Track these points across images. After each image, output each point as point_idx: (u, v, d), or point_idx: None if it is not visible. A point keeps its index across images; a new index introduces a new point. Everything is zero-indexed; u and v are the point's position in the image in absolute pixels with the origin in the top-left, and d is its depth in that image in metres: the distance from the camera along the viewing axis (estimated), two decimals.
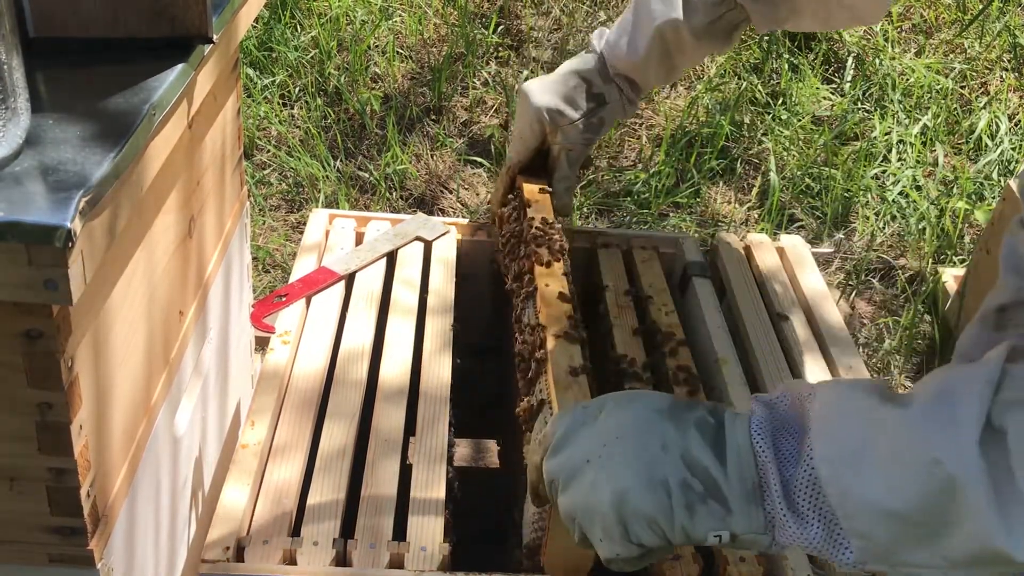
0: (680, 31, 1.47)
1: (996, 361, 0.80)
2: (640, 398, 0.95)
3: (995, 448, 0.76)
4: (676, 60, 1.52)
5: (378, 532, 1.09)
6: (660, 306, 1.49)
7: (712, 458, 0.88)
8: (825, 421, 0.85)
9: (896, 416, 0.81)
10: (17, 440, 0.89)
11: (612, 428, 0.92)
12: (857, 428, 0.84)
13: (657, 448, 0.89)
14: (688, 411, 0.92)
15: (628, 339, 1.42)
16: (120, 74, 0.98)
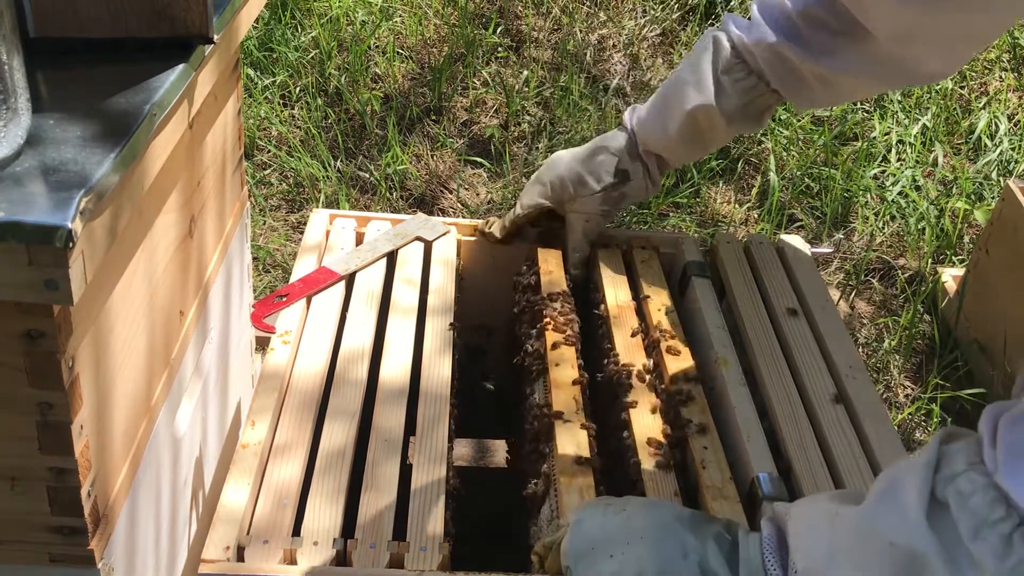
0: (712, 115, 1.48)
1: (933, 446, 0.88)
2: (663, 505, 1.04)
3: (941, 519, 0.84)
4: (708, 141, 1.54)
5: (378, 532, 1.09)
6: (659, 306, 1.49)
7: (726, 570, 0.96)
8: (799, 537, 0.94)
9: (852, 514, 0.90)
10: (18, 440, 0.89)
11: (636, 528, 0.99)
12: (823, 535, 0.92)
13: (678, 554, 0.97)
14: (707, 524, 1.00)
15: (627, 341, 1.42)
16: (121, 74, 0.98)
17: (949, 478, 0.85)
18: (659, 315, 1.47)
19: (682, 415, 1.30)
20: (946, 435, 0.90)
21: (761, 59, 1.44)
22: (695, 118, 1.49)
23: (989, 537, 0.81)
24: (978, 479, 0.84)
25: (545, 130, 3.09)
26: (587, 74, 3.30)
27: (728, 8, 3.52)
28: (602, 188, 1.56)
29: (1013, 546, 0.81)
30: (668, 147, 1.54)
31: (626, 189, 1.57)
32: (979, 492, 0.83)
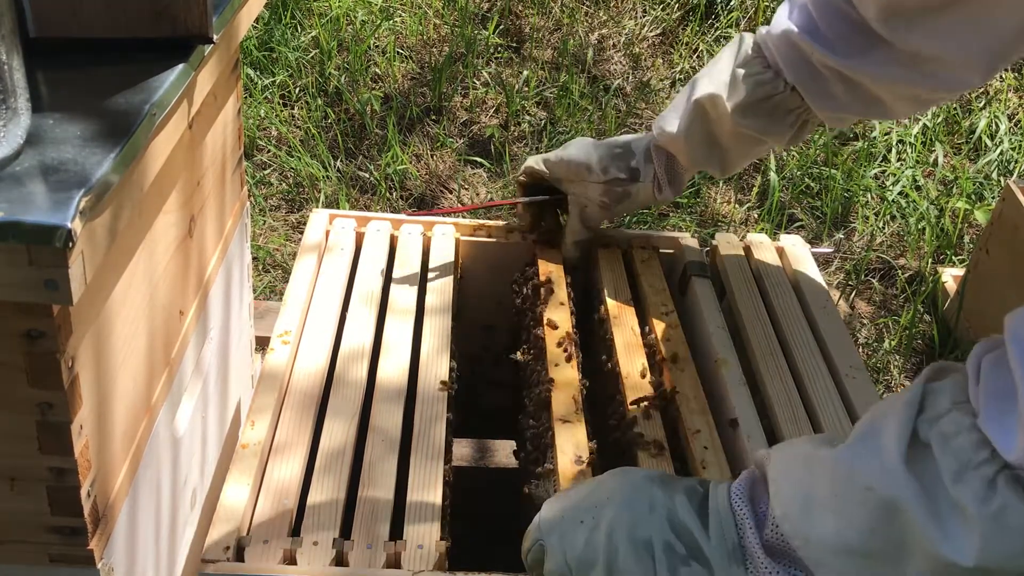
0: (719, 106, 1.40)
1: (917, 383, 0.84)
2: (634, 469, 1.01)
3: (922, 462, 0.80)
4: (721, 140, 1.45)
5: (375, 532, 1.09)
6: (659, 306, 1.49)
7: (696, 521, 0.93)
8: (777, 483, 0.91)
9: (830, 456, 0.86)
10: (18, 440, 0.89)
11: (605, 492, 0.97)
12: (801, 478, 0.88)
13: (645, 509, 0.94)
14: (678, 480, 0.98)
15: (627, 344, 1.42)
16: (120, 74, 0.98)
17: (933, 419, 0.82)
18: (659, 315, 1.47)
19: (681, 415, 1.30)
20: (933, 372, 0.86)
21: (777, 51, 1.36)
22: (702, 108, 1.42)
23: (972, 480, 0.77)
24: (963, 420, 0.80)
25: (545, 130, 3.09)
26: (587, 74, 3.30)
27: (728, 8, 3.52)
28: (606, 179, 1.51)
29: (996, 490, 0.77)
30: (676, 142, 1.47)
31: (632, 188, 1.51)
32: (963, 433, 0.79)
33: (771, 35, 1.36)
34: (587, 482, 1.02)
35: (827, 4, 1.30)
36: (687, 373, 1.37)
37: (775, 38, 1.35)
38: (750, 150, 1.47)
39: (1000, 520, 0.76)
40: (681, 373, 1.37)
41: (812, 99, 1.36)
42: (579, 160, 1.52)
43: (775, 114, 1.39)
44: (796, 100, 1.38)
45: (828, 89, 1.34)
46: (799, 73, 1.34)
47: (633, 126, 3.17)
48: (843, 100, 1.35)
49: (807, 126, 1.43)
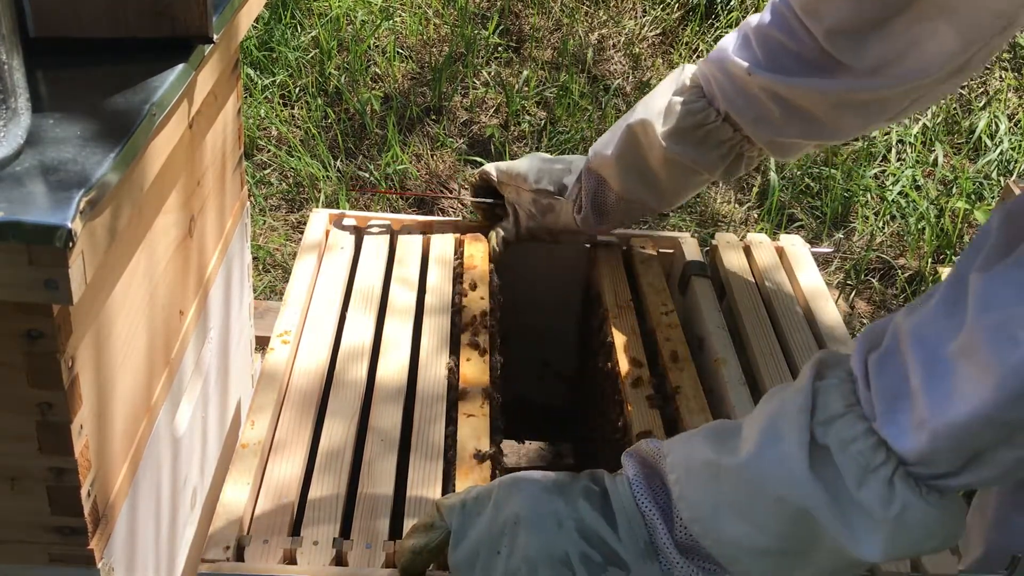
0: (650, 132, 1.40)
1: (806, 385, 0.88)
2: (528, 479, 0.99)
3: (824, 466, 0.84)
4: (652, 167, 1.43)
5: (374, 532, 1.09)
6: (659, 306, 1.49)
7: (604, 524, 0.94)
8: (682, 486, 0.93)
9: (734, 467, 0.89)
10: (17, 440, 0.89)
11: (510, 514, 0.96)
12: (708, 488, 0.91)
13: (553, 527, 0.94)
14: (572, 483, 0.98)
15: (627, 345, 1.42)
16: (120, 74, 0.98)
17: (827, 422, 0.85)
18: (659, 315, 1.47)
19: (681, 415, 1.30)
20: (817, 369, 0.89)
21: (713, 79, 1.36)
22: (634, 134, 1.42)
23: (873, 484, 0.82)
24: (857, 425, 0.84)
25: (545, 130, 3.09)
26: (587, 74, 3.30)
27: (728, 8, 3.52)
28: (535, 188, 1.53)
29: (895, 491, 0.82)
30: (606, 165, 1.47)
31: (556, 203, 1.52)
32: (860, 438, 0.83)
33: (708, 63, 1.38)
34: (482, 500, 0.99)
35: (767, 34, 1.32)
36: (687, 373, 1.37)
37: (711, 65, 1.37)
38: (685, 181, 1.46)
39: (901, 519, 0.82)
40: (681, 373, 1.37)
41: (748, 124, 1.36)
42: (521, 168, 1.55)
43: (706, 143, 1.40)
44: (728, 131, 1.38)
45: (764, 113, 1.34)
46: (734, 100, 1.35)
47: None
48: (780, 122, 1.34)
49: (742, 159, 1.43)
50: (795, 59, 1.30)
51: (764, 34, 1.32)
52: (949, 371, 0.79)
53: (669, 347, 1.41)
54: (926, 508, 0.82)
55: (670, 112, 1.39)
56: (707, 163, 1.41)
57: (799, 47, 1.29)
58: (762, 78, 1.31)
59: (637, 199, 1.49)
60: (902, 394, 0.82)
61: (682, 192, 1.50)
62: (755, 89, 1.33)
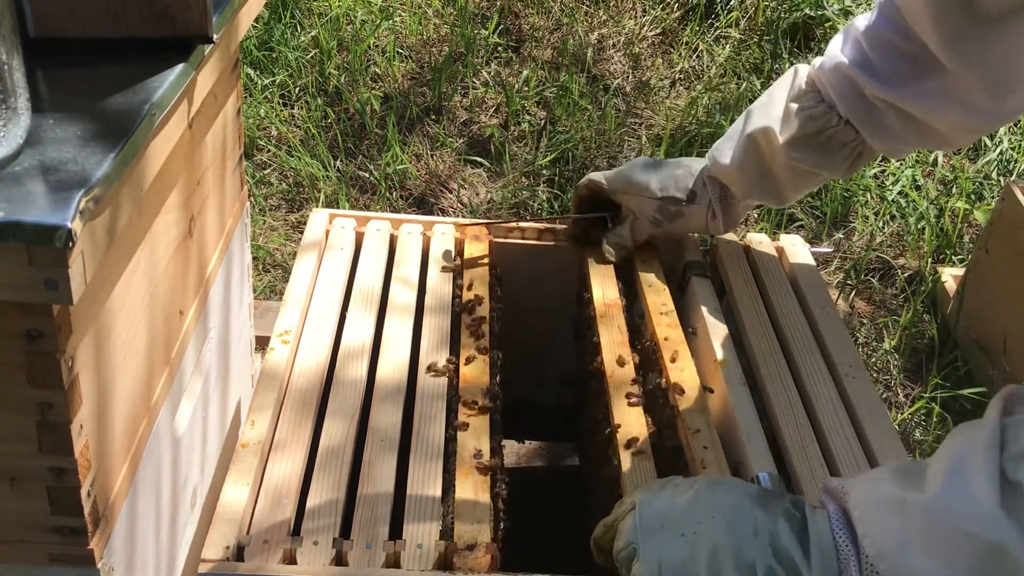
0: (771, 139, 1.40)
1: (994, 421, 0.87)
2: (732, 483, 1.02)
3: (1016, 502, 0.83)
4: (774, 173, 1.44)
5: (374, 531, 1.09)
6: (659, 306, 1.49)
7: (798, 549, 0.95)
8: (866, 523, 0.94)
9: (921, 503, 0.89)
10: (17, 440, 0.89)
11: (706, 507, 0.98)
12: (893, 524, 0.91)
13: (749, 532, 0.96)
14: (776, 501, 0.99)
15: (612, 343, 1.42)
16: (120, 74, 0.98)
17: (1018, 458, 0.84)
18: (659, 315, 1.47)
19: (681, 415, 1.30)
20: (1005, 404, 0.88)
21: (830, 85, 1.36)
22: (755, 142, 1.42)
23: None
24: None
25: (545, 130, 3.09)
26: (587, 74, 3.30)
27: (728, 8, 3.52)
28: (662, 196, 1.52)
29: None
30: (728, 173, 1.48)
31: (686, 209, 1.52)
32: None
33: (824, 69, 1.37)
34: (682, 488, 1.02)
35: (878, 37, 1.31)
36: (687, 373, 1.37)
37: (828, 72, 1.36)
38: (805, 182, 1.48)
39: None
40: (681, 373, 1.37)
41: (867, 132, 1.36)
42: (639, 177, 1.54)
43: (828, 147, 1.40)
44: (850, 134, 1.38)
45: (883, 122, 1.34)
46: (853, 107, 1.35)
47: (633, 126, 3.17)
48: (898, 132, 1.35)
49: (863, 158, 1.42)
50: (907, 61, 1.29)
51: (875, 37, 1.31)
52: None
53: (669, 347, 1.41)
54: None
55: (789, 119, 1.39)
56: (829, 166, 1.42)
57: (911, 47, 1.28)
58: (877, 90, 1.31)
59: (758, 201, 1.53)
60: None
61: (802, 191, 1.52)
62: (871, 99, 1.33)
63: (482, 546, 1.08)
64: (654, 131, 3.14)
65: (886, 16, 1.30)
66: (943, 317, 2.56)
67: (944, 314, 2.56)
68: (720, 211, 1.52)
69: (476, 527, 1.11)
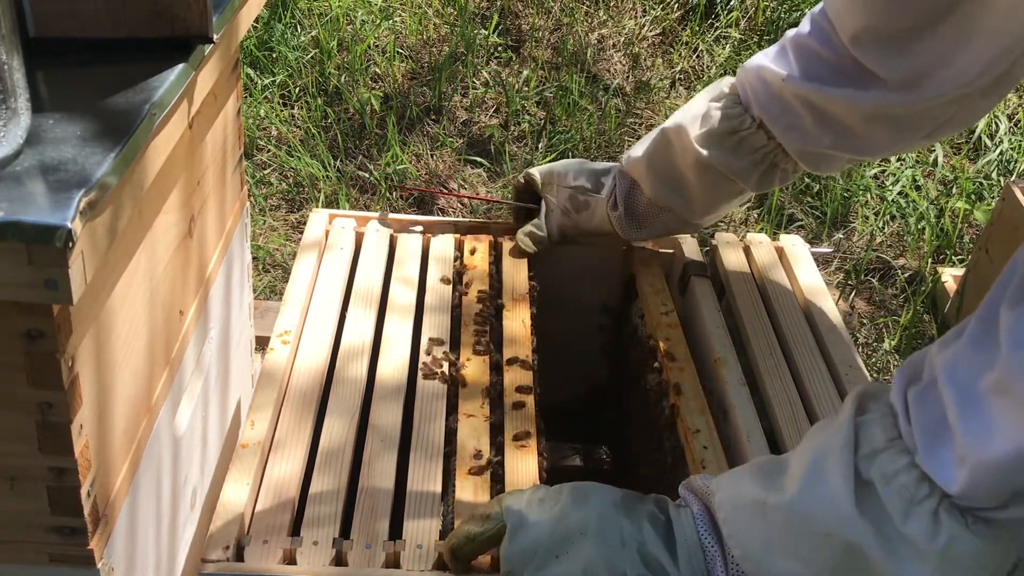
0: (683, 137, 1.40)
1: (848, 420, 0.89)
2: (597, 492, 1.02)
3: (869, 501, 0.86)
4: (684, 172, 1.43)
5: (374, 531, 1.09)
6: (659, 306, 1.49)
7: (665, 553, 0.96)
8: (731, 524, 0.96)
9: (782, 505, 0.91)
10: (17, 440, 0.89)
11: (577, 523, 0.99)
12: (756, 526, 0.94)
13: (617, 543, 0.97)
14: (640, 504, 1.01)
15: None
16: (120, 74, 0.98)
17: (870, 456, 0.87)
18: (659, 315, 1.47)
19: (681, 415, 1.30)
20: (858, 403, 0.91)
21: (748, 86, 1.37)
22: (666, 138, 1.43)
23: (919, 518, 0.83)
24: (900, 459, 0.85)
25: (545, 130, 3.09)
26: (587, 74, 3.30)
27: (728, 8, 3.52)
28: (573, 185, 1.54)
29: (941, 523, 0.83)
30: (636, 167, 1.48)
31: (591, 199, 1.52)
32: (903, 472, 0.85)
33: (745, 71, 1.38)
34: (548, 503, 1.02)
35: (803, 44, 1.32)
36: (687, 373, 1.37)
37: (748, 72, 1.37)
38: (717, 188, 1.44)
39: (948, 551, 0.83)
40: (681, 373, 1.37)
41: (779, 131, 1.36)
42: (560, 168, 1.57)
43: (740, 149, 1.39)
44: (762, 138, 1.38)
45: (797, 121, 1.34)
46: (768, 106, 1.35)
47: (633, 126, 3.17)
48: (812, 131, 1.33)
49: (776, 170, 1.41)
50: (829, 69, 1.29)
51: (800, 44, 1.32)
52: (985, 407, 0.80)
53: (669, 347, 1.41)
54: (972, 539, 0.82)
55: (706, 117, 1.40)
56: (739, 170, 1.40)
57: (834, 57, 1.28)
58: (796, 86, 1.31)
59: (667, 206, 1.49)
60: (942, 429, 0.83)
61: (714, 203, 1.48)
62: (789, 96, 1.32)
63: None
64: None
65: (815, 25, 1.31)
66: (943, 317, 2.56)
67: (944, 314, 2.56)
68: (622, 203, 1.50)
69: None
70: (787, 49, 1.34)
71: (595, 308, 1.71)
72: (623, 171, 1.51)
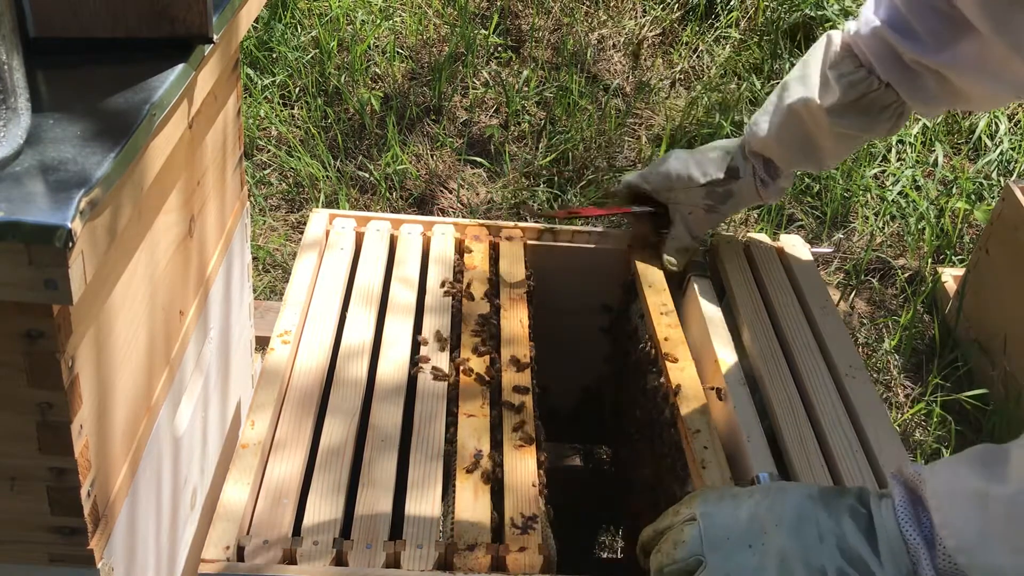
0: (813, 110, 1.41)
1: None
2: (792, 487, 1.01)
3: None
4: (818, 140, 1.45)
5: (375, 532, 1.09)
6: (659, 306, 1.49)
7: (866, 547, 0.94)
8: (945, 513, 0.92)
9: (1004, 498, 0.88)
10: (17, 440, 0.89)
11: (771, 516, 0.97)
12: (973, 516, 0.90)
13: (814, 537, 0.95)
14: (839, 498, 0.98)
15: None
16: (120, 74, 0.98)
17: None
18: (659, 315, 1.47)
19: (681, 415, 1.30)
20: None
21: (868, 49, 1.36)
22: (796, 113, 1.43)
23: None
24: None
25: (545, 130, 3.09)
26: (587, 74, 3.30)
27: (728, 8, 3.52)
28: (707, 181, 1.52)
29: None
30: (770, 146, 1.48)
31: (733, 187, 1.52)
32: None
33: (860, 34, 1.36)
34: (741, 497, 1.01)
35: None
36: (687, 373, 1.37)
37: (864, 37, 1.36)
38: (849, 146, 1.49)
39: None
40: (681, 373, 1.37)
41: (906, 94, 1.37)
42: (677, 168, 1.54)
43: (871, 111, 1.40)
44: (891, 95, 1.38)
45: (920, 83, 1.35)
46: (892, 70, 1.35)
47: (632, 126, 3.17)
48: (935, 93, 1.36)
49: (903, 118, 1.43)
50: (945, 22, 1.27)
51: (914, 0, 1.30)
52: None
53: (669, 347, 1.41)
54: None
55: (829, 86, 1.39)
56: (873, 128, 1.42)
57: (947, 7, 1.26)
58: (915, 55, 1.31)
59: (801, 169, 1.53)
60: None
61: (844, 154, 1.53)
62: (909, 63, 1.33)
63: (482, 546, 1.08)
64: (654, 131, 3.14)
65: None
66: (943, 317, 2.56)
67: (944, 314, 2.56)
68: (769, 179, 1.52)
69: (476, 527, 1.11)
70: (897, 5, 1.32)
71: (595, 308, 1.71)
72: (754, 151, 1.51)
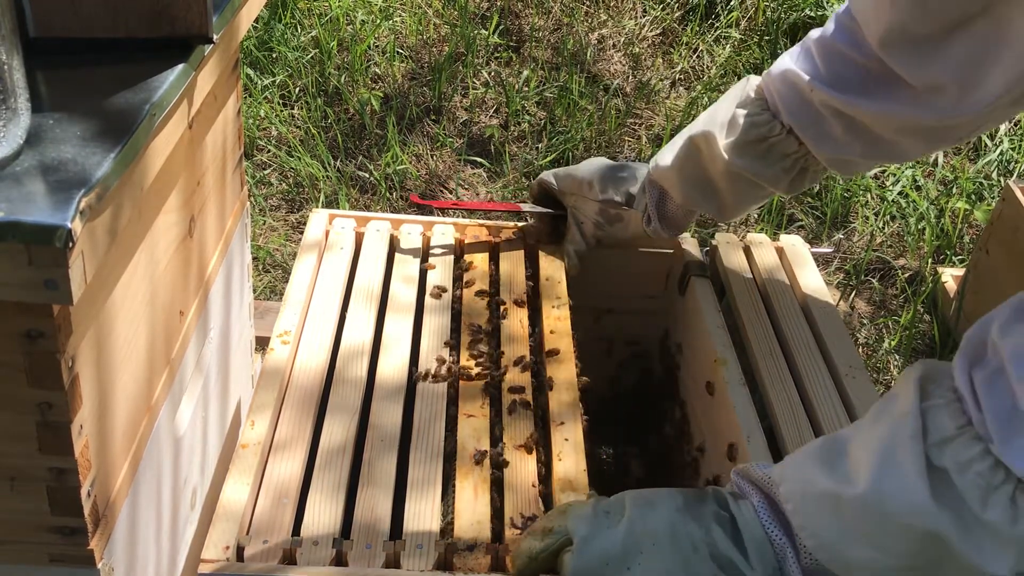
0: (712, 144, 1.38)
1: (914, 408, 0.90)
2: (660, 500, 1.02)
3: (945, 489, 0.87)
4: (714, 179, 1.42)
5: (374, 532, 1.09)
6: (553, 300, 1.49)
7: (735, 551, 0.97)
8: (802, 516, 0.96)
9: (855, 499, 0.91)
10: (17, 440, 0.89)
11: (645, 533, 0.99)
12: (830, 519, 0.94)
13: (689, 550, 0.98)
14: (703, 506, 1.01)
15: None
16: (120, 74, 0.98)
17: (941, 444, 0.87)
18: (551, 309, 1.47)
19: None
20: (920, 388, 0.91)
21: (776, 92, 1.33)
22: (695, 145, 1.41)
23: (997, 504, 0.84)
24: (973, 447, 0.86)
25: (545, 130, 3.09)
26: (587, 74, 3.30)
27: (728, 8, 3.52)
28: (603, 199, 1.52)
29: (1019, 508, 0.84)
30: (667, 177, 1.46)
31: (625, 213, 1.52)
32: (977, 459, 0.85)
33: (771, 76, 1.35)
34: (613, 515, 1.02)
35: (830, 46, 1.28)
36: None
37: (775, 78, 1.34)
38: (747, 193, 1.43)
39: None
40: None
41: (811, 141, 1.33)
42: (583, 176, 1.54)
43: (769, 156, 1.37)
44: (792, 144, 1.35)
45: (827, 130, 1.31)
46: (797, 114, 1.32)
47: (633, 126, 3.17)
48: (843, 140, 1.31)
49: (807, 173, 1.39)
50: (856, 72, 1.26)
51: (826, 46, 1.29)
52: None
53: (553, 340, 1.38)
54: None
55: (733, 124, 1.36)
56: (770, 177, 1.38)
57: (862, 59, 1.25)
58: (825, 95, 1.28)
59: (698, 209, 1.49)
60: (1015, 417, 0.84)
61: (745, 204, 1.47)
62: (818, 105, 1.30)
63: (482, 546, 1.08)
64: (654, 131, 3.14)
65: (840, 27, 1.28)
66: (943, 317, 2.56)
67: (944, 314, 2.56)
68: (656, 216, 1.50)
69: (476, 527, 1.11)
70: (812, 52, 1.30)
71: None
72: (652, 180, 1.49)
